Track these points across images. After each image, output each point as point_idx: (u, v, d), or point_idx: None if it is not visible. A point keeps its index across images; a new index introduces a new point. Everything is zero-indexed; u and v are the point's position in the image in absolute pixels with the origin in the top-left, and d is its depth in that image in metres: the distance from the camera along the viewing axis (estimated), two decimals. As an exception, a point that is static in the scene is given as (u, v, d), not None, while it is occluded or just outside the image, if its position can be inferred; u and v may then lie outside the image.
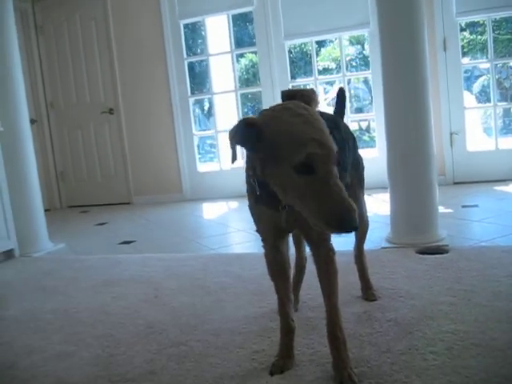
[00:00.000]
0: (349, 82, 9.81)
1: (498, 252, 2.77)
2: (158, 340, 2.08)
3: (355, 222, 1.26)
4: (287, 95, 1.54)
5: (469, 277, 2.43)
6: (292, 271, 1.96)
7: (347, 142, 1.94)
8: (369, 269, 2.39)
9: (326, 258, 1.66)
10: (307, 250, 2.01)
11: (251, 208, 1.65)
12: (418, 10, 3.02)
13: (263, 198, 1.50)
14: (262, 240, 1.72)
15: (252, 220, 1.70)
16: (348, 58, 10.08)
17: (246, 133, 1.36)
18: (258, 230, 1.71)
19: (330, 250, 1.66)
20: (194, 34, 7.39)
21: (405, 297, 2.26)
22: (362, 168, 2.20)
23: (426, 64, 3.06)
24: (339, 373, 1.59)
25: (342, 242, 2.54)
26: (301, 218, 1.38)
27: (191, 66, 6.98)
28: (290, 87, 5.97)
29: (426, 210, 3.10)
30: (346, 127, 2.07)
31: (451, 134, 5.38)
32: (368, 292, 2.29)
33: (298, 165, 1.28)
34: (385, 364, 1.68)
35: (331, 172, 1.30)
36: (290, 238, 1.81)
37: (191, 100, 6.42)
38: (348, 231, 1.27)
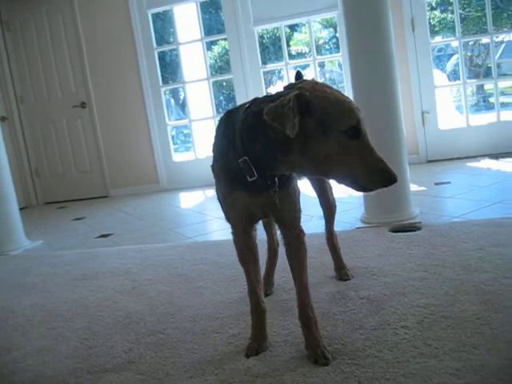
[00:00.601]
0: (323, 65, 9.86)
1: (469, 226, 2.83)
2: (135, 330, 2.10)
3: (396, 176, 1.39)
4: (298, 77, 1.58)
5: (440, 252, 2.49)
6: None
7: None
8: (342, 249, 2.44)
9: (297, 240, 1.70)
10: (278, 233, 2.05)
11: (224, 197, 1.67)
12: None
13: (253, 183, 1.51)
14: (232, 227, 1.74)
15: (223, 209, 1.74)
16: (321, 42, 10.10)
17: (299, 107, 1.36)
18: (228, 218, 1.73)
19: (301, 232, 1.71)
20: (164, 23, 7.34)
21: (377, 274, 2.30)
22: None
23: (392, 44, 3.09)
24: (313, 351, 1.63)
25: (313, 226, 2.59)
26: (276, 201, 1.52)
27: (162, 56, 6.95)
28: (261, 73, 5.98)
29: (397, 189, 3.13)
30: None
31: (423, 113, 5.44)
32: (341, 271, 2.33)
33: (350, 129, 1.37)
34: (358, 340, 1.72)
35: (367, 134, 1.42)
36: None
37: (163, 90, 6.39)
38: (391, 184, 1.39)
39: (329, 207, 2.31)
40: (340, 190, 4.50)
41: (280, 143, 1.42)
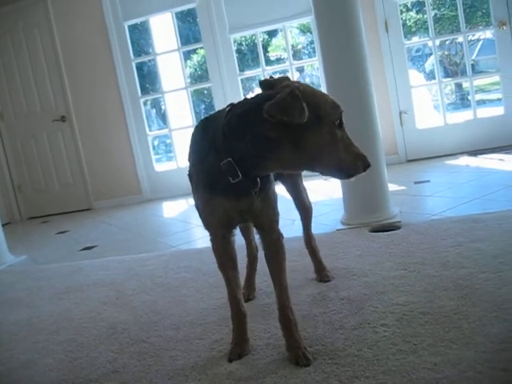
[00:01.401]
0: (302, 69, 9.92)
1: (448, 223, 2.87)
2: (119, 340, 2.11)
3: (369, 162, 1.53)
4: (267, 84, 1.59)
5: (419, 250, 2.53)
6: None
7: None
8: (323, 251, 2.47)
9: (276, 243, 1.73)
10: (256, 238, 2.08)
11: (203, 204, 1.68)
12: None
13: (234, 186, 1.54)
14: (211, 234, 1.75)
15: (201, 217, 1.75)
16: (300, 47, 10.16)
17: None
18: (207, 225, 1.74)
19: (280, 235, 1.74)
20: (140, 34, 7.36)
21: (357, 275, 2.33)
22: None
23: (364, 46, 3.14)
24: (294, 353, 1.65)
25: (294, 229, 2.60)
26: (258, 205, 1.60)
27: (140, 67, 6.96)
28: (239, 80, 6.02)
29: (376, 190, 3.18)
30: None
31: (400, 113, 5.50)
32: (322, 273, 2.36)
33: (338, 120, 1.49)
34: (338, 340, 1.75)
35: None
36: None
37: (142, 100, 6.40)
38: (368, 168, 1.53)
39: (305, 210, 2.34)
40: (320, 193, 4.57)
41: (270, 140, 1.47)
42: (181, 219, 4.81)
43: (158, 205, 5.94)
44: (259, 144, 1.48)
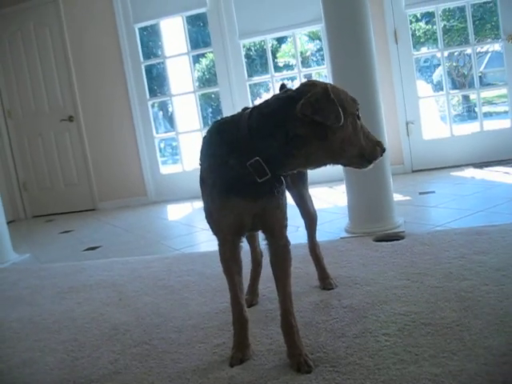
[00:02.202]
0: (310, 77, 9.94)
1: (451, 235, 2.88)
2: (121, 341, 2.12)
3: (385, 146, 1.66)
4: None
5: (422, 260, 2.53)
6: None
7: None
8: (326, 259, 2.48)
9: (283, 249, 1.74)
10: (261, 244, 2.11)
11: (218, 207, 1.67)
12: (363, 3, 3.11)
13: (255, 187, 1.58)
14: (220, 239, 1.76)
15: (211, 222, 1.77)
16: (308, 54, 10.19)
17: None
18: (218, 230, 1.75)
19: (287, 242, 1.75)
20: (151, 37, 7.39)
21: (360, 283, 2.34)
22: None
23: (373, 56, 3.15)
24: (295, 359, 1.66)
25: (299, 236, 2.61)
26: (270, 209, 1.64)
27: (149, 69, 6.99)
28: (247, 86, 6.04)
29: (381, 199, 3.19)
30: None
31: (407, 123, 5.51)
32: (325, 281, 2.37)
33: (357, 111, 1.59)
34: (340, 348, 1.75)
35: None
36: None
37: (150, 103, 6.43)
38: (383, 153, 1.65)
39: (310, 217, 2.35)
40: (325, 201, 4.57)
41: (298, 138, 1.51)
42: (185, 222, 4.82)
43: (162, 207, 5.96)
44: (287, 142, 1.52)
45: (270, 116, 1.55)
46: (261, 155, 1.54)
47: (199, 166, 1.78)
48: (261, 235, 1.82)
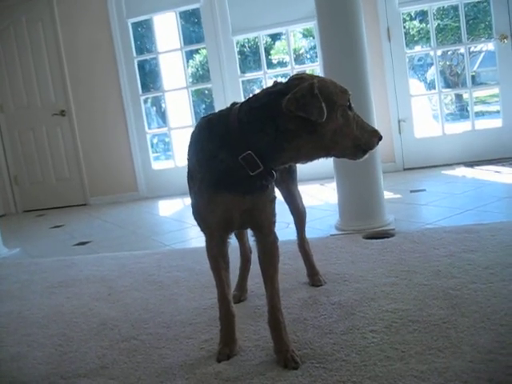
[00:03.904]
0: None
1: (441, 233, 2.89)
2: (109, 336, 2.11)
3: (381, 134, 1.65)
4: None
5: (411, 258, 2.54)
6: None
7: None
8: (316, 256, 2.48)
9: (272, 246, 1.75)
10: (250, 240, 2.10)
11: (206, 203, 1.66)
12: (355, 1, 3.11)
13: (245, 182, 1.57)
14: (208, 235, 1.75)
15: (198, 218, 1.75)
16: (302, 51, 10.18)
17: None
18: (206, 225, 1.74)
19: (276, 238, 1.76)
20: (144, 32, 7.37)
21: (349, 280, 2.35)
22: None
23: (365, 54, 3.15)
24: (282, 355, 1.66)
25: (289, 232, 2.62)
26: (260, 204, 1.64)
27: (142, 65, 6.97)
28: (240, 82, 6.03)
29: (371, 196, 3.20)
30: None
31: (399, 121, 5.52)
32: (314, 278, 2.37)
33: (348, 103, 1.57)
34: (327, 345, 1.75)
35: None
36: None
37: (143, 98, 6.41)
38: (379, 141, 1.64)
39: (299, 214, 2.36)
40: (316, 198, 4.58)
41: (288, 131, 1.52)
42: (176, 218, 4.82)
43: (154, 203, 5.95)
44: (278, 135, 1.52)
45: (260, 110, 1.55)
46: (252, 149, 1.54)
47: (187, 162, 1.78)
48: (249, 231, 1.82)
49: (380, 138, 1.62)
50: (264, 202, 1.66)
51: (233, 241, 1.92)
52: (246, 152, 1.54)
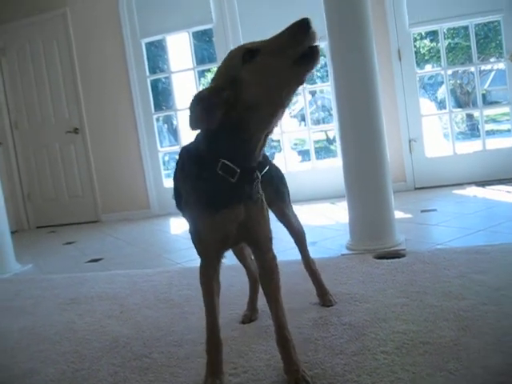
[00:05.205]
0: (314, 92, 10.00)
1: (451, 254, 2.89)
2: (121, 354, 2.13)
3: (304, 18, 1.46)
4: None
5: (422, 279, 2.54)
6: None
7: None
8: (326, 275, 2.49)
9: (271, 263, 1.75)
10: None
11: (200, 221, 1.66)
12: (366, 22, 3.15)
13: (233, 191, 1.58)
14: (204, 257, 1.75)
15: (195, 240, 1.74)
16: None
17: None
18: (201, 246, 1.72)
19: (274, 255, 1.76)
20: (157, 51, 7.47)
21: (360, 301, 2.35)
22: (283, 183, 2.29)
23: (376, 74, 3.18)
24: (292, 376, 1.66)
25: (298, 252, 2.61)
26: (254, 217, 1.62)
27: (155, 84, 7.05)
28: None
29: (382, 216, 3.21)
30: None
31: (410, 140, 5.54)
32: (324, 297, 2.38)
33: (244, 56, 1.48)
34: (338, 365, 1.76)
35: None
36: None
37: (155, 117, 6.48)
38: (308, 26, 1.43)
39: (297, 235, 2.34)
40: (327, 217, 4.59)
41: (235, 125, 1.51)
42: (187, 236, 4.79)
43: (165, 220, 5.98)
44: (233, 134, 1.53)
45: (205, 132, 1.60)
46: (224, 158, 1.55)
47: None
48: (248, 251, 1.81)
49: (305, 24, 1.44)
50: (257, 213, 1.66)
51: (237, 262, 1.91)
52: (220, 162, 1.55)
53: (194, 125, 1.52)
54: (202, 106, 1.47)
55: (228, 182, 1.57)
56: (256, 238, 1.71)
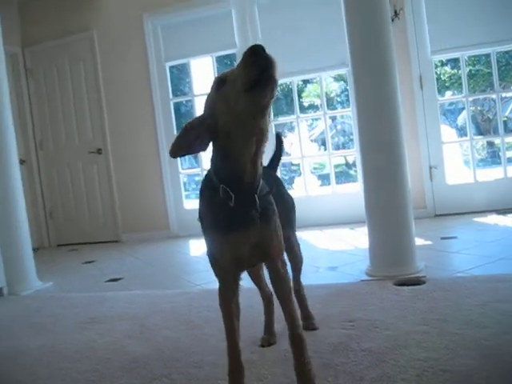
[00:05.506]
0: (334, 117, 10.05)
1: (472, 282, 2.87)
2: (142, 374, 2.15)
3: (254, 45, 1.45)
4: None
5: (442, 306, 2.53)
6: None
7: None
8: (346, 301, 2.50)
9: (282, 267, 1.79)
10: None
11: (216, 244, 1.70)
12: (389, 49, 3.19)
13: (238, 214, 1.62)
14: (222, 280, 1.77)
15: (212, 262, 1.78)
16: (333, 94, 10.31)
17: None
18: (218, 268, 1.76)
19: (284, 262, 1.81)
20: (180, 74, 7.57)
21: (380, 327, 2.34)
22: (294, 211, 2.36)
23: (398, 101, 3.21)
24: (302, 372, 1.70)
25: (319, 277, 2.63)
26: (266, 237, 1.67)
27: (177, 106, 7.14)
28: (273, 126, 6.13)
29: (402, 243, 3.21)
30: (274, 177, 2.31)
31: (430, 167, 5.53)
32: (308, 321, 2.41)
33: (218, 88, 1.59)
34: (357, 391, 1.76)
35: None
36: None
37: (178, 139, 6.53)
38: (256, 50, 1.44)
39: (296, 262, 2.38)
40: (346, 243, 4.59)
41: (222, 151, 1.61)
42: (206, 258, 4.84)
43: (184, 242, 6.01)
44: (222, 159, 1.63)
45: (212, 159, 1.68)
46: (223, 182, 1.61)
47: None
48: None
49: (253, 51, 1.43)
50: (270, 232, 1.70)
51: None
52: (221, 187, 1.61)
53: (172, 152, 1.61)
54: (186, 134, 1.60)
55: (234, 206, 1.62)
56: (268, 254, 1.74)
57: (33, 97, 7.03)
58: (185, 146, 1.61)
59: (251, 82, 1.43)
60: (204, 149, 1.64)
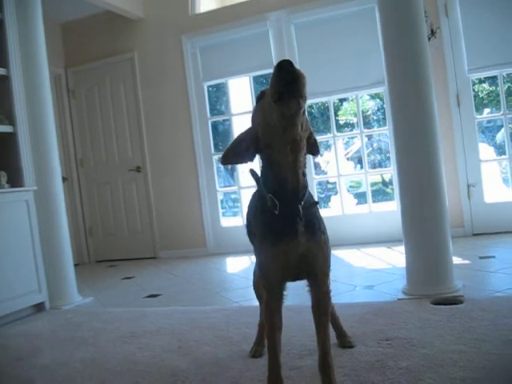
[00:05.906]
0: (371, 135, 10.03)
1: (511, 302, 2.85)
2: (181, 388, 2.19)
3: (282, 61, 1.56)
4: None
5: (480, 326, 2.52)
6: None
7: None
8: (383, 319, 2.51)
9: (325, 295, 1.84)
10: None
11: (265, 253, 1.77)
12: (426, 68, 3.21)
13: (284, 224, 1.69)
14: (269, 290, 1.82)
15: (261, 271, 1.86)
16: (369, 112, 10.31)
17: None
18: (267, 278, 1.81)
19: (329, 290, 1.86)
20: (217, 94, 7.68)
21: (417, 346, 2.35)
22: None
23: (435, 119, 3.22)
24: None
25: (356, 295, 2.65)
26: (313, 251, 1.73)
27: (215, 125, 7.24)
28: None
29: (440, 262, 3.20)
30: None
31: (468, 186, 5.48)
32: (343, 339, 2.44)
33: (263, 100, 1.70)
34: (394, 409, 1.77)
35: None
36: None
37: (215, 158, 6.64)
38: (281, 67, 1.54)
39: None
40: (383, 261, 4.58)
41: (267, 161, 1.73)
42: (242, 275, 4.91)
43: (221, 259, 6.07)
44: (267, 168, 1.73)
45: (262, 169, 1.78)
46: (271, 192, 1.70)
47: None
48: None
49: (279, 68, 1.54)
50: (317, 248, 1.74)
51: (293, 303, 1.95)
52: (269, 196, 1.70)
53: (222, 161, 1.80)
54: (236, 145, 1.78)
55: (280, 216, 1.69)
56: (313, 272, 1.78)
57: (74, 116, 7.24)
58: (234, 155, 1.75)
59: (278, 94, 1.53)
60: (251, 159, 1.74)
